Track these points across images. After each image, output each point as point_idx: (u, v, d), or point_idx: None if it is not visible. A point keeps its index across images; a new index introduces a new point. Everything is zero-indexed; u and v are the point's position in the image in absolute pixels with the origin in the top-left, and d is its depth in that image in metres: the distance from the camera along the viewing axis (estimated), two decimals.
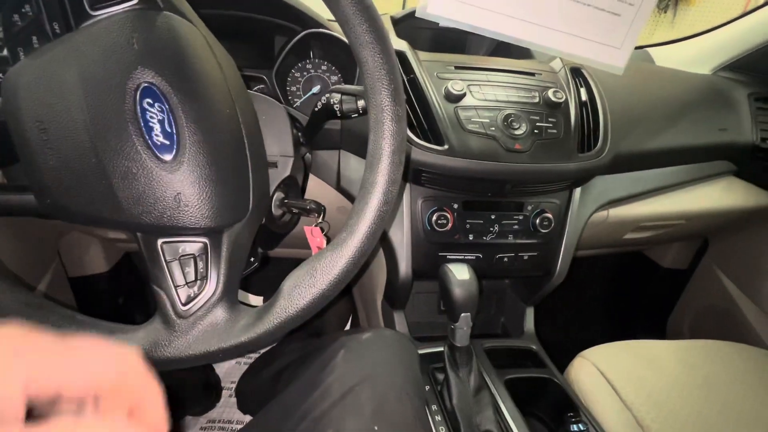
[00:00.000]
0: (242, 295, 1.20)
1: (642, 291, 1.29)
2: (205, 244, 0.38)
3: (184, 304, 0.36)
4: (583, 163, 0.63)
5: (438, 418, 0.55)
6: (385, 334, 0.54)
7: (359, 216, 0.36)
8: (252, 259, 0.47)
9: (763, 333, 0.98)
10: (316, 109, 0.49)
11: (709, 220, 0.91)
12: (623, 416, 0.63)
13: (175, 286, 0.36)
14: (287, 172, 0.50)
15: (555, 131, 0.62)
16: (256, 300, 1.20)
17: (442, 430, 0.54)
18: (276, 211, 0.54)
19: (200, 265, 0.37)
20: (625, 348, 0.74)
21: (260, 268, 0.49)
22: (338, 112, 0.47)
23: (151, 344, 0.35)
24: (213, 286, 0.37)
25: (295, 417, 0.43)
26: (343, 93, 0.47)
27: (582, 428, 0.49)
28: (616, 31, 0.46)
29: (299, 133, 0.53)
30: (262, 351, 1.03)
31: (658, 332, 1.27)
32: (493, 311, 0.84)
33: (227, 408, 1.05)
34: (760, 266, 1.01)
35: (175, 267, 0.36)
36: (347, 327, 1.16)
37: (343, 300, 1.12)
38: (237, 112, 0.42)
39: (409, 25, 0.80)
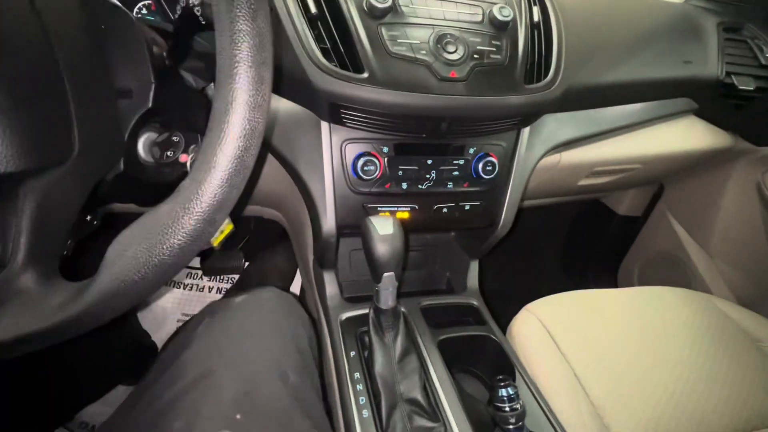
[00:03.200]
0: None
1: (596, 239, 1.28)
2: None
3: None
4: (530, 95, 0.54)
5: (360, 387, 0.50)
6: (262, 296, 0.46)
7: (207, 157, 0.26)
8: (89, 218, 0.36)
9: (708, 278, 0.99)
10: (175, 16, 0.37)
11: (667, 163, 0.87)
12: (561, 368, 0.60)
13: None
14: (148, 104, 0.39)
15: (499, 57, 0.52)
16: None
17: (362, 400, 0.48)
18: (146, 157, 0.43)
19: None
20: (570, 299, 0.71)
21: (102, 229, 0.39)
22: (201, 18, 0.35)
23: None
24: (8, 251, 0.27)
25: (143, 403, 0.35)
26: None
27: (511, 392, 0.45)
28: None
29: (164, 54, 0.41)
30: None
31: (610, 281, 1.28)
32: (438, 266, 0.78)
33: None
34: (711, 212, 1.00)
35: None
36: (293, 287, 1.10)
37: (285, 257, 1.04)
38: (37, 12, 0.29)
39: None
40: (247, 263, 1.10)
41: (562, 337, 0.63)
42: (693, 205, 1.04)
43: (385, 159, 0.57)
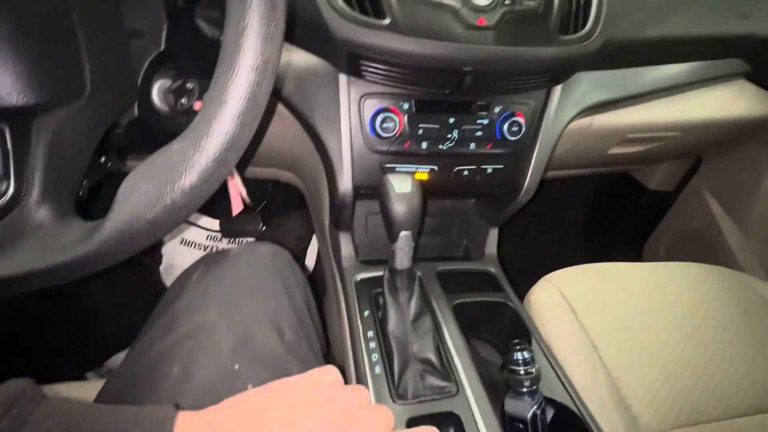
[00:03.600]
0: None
1: (623, 214, 1.22)
2: (2, 130, 0.27)
3: None
4: (565, 48, 0.50)
5: (373, 345, 0.50)
6: (258, 249, 0.46)
7: (217, 91, 0.25)
8: (103, 159, 0.36)
9: (742, 258, 0.94)
10: None
11: (709, 132, 0.80)
12: (579, 338, 0.59)
13: None
14: (161, 46, 0.37)
15: (533, 3, 0.48)
16: (211, 223, 1.12)
17: (374, 357, 0.48)
18: (161, 104, 0.42)
19: None
20: (592, 270, 0.68)
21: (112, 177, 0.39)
22: None
23: None
24: (23, 186, 0.27)
25: (139, 352, 0.36)
26: None
27: (527, 356, 0.44)
28: None
29: None
30: None
31: (635, 256, 1.23)
32: (456, 233, 0.76)
33: None
34: (750, 187, 0.93)
35: None
36: (309, 252, 1.11)
37: (302, 221, 1.04)
38: None
39: None
40: (264, 227, 1.11)
41: (581, 307, 0.61)
42: (733, 181, 0.97)
43: (405, 116, 0.54)
